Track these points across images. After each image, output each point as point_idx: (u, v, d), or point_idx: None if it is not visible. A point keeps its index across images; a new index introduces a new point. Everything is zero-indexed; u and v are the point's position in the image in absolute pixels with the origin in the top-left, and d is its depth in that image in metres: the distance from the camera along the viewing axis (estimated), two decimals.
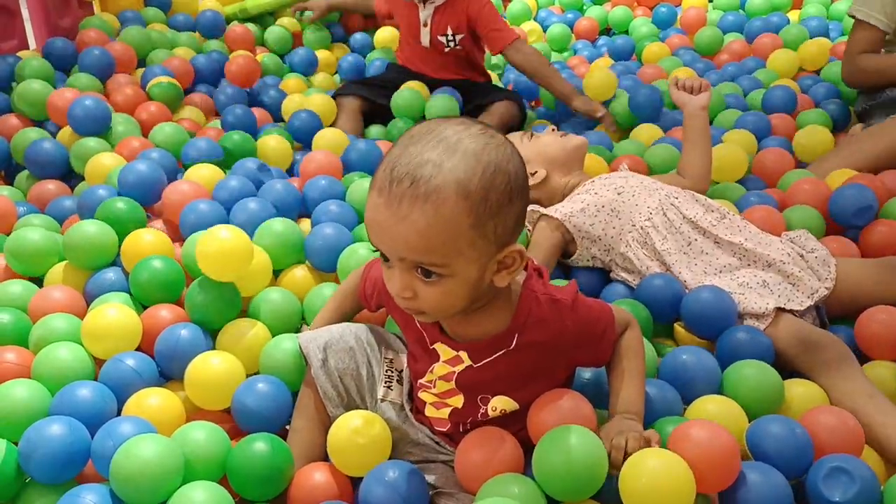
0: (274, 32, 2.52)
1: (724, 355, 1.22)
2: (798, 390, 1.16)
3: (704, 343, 1.28)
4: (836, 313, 1.35)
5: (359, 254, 1.36)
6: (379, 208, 0.85)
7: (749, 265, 1.35)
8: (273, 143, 1.86)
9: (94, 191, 1.53)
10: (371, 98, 2.17)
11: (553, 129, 1.62)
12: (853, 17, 1.96)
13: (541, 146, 1.56)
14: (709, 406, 1.09)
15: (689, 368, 1.17)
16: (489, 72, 2.40)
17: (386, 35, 2.59)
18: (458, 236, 0.84)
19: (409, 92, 2.11)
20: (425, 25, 2.17)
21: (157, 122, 1.86)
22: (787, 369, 1.23)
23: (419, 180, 0.83)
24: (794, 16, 2.77)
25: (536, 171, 1.53)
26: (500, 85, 2.43)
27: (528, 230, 1.47)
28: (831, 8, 2.75)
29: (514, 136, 1.56)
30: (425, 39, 2.19)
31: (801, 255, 1.36)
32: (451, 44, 2.18)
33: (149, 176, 1.55)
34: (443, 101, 2.05)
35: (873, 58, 1.95)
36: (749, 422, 1.07)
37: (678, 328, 1.31)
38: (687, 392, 1.14)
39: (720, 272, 1.35)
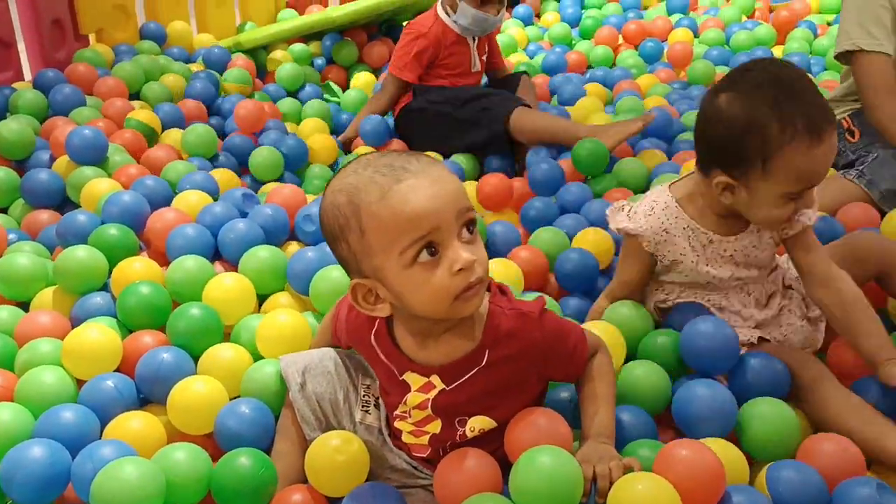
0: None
1: (737, 386, 1.18)
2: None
3: None
4: None
5: (332, 277, 1.37)
6: (414, 189, 0.88)
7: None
8: None
9: (74, 216, 1.56)
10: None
11: None
12: (855, 50, 1.74)
13: None
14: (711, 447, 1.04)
15: (704, 403, 1.11)
16: None
17: (364, 81, 2.64)
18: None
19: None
20: (475, 52, 2.33)
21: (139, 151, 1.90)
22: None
23: (417, 155, 0.94)
24: (777, 51, 2.82)
25: None
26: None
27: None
28: (814, 43, 2.81)
29: None
30: (477, 65, 2.35)
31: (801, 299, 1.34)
32: (484, 60, 2.39)
33: (132, 205, 1.57)
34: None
35: None
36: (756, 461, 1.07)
37: None
38: (701, 427, 1.10)
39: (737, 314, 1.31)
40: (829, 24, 3.00)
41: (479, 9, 2.18)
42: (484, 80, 2.47)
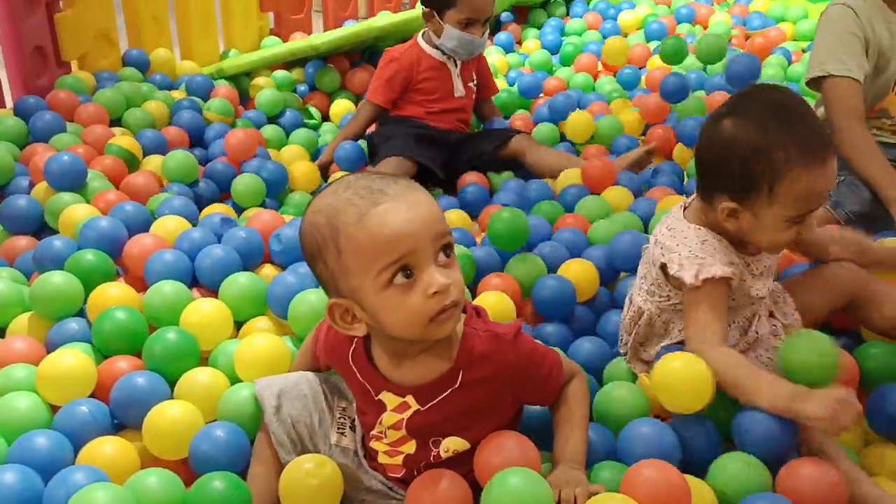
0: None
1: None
2: None
3: None
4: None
5: (310, 300, 1.37)
6: (391, 212, 0.90)
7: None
8: None
9: (50, 241, 1.55)
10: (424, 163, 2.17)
11: None
12: (825, 76, 1.77)
13: None
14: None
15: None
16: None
17: (342, 108, 2.66)
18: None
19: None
20: (458, 77, 2.33)
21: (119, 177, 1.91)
22: None
23: (397, 178, 0.95)
24: None
25: None
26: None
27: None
28: (789, 70, 2.85)
29: None
30: (460, 90, 2.33)
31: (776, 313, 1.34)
32: (474, 88, 2.39)
33: (109, 231, 1.56)
34: None
35: (864, 140, 1.73)
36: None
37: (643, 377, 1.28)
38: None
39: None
40: (803, 50, 3.06)
41: (464, 30, 2.21)
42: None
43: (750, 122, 1.15)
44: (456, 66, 2.32)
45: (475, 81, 2.39)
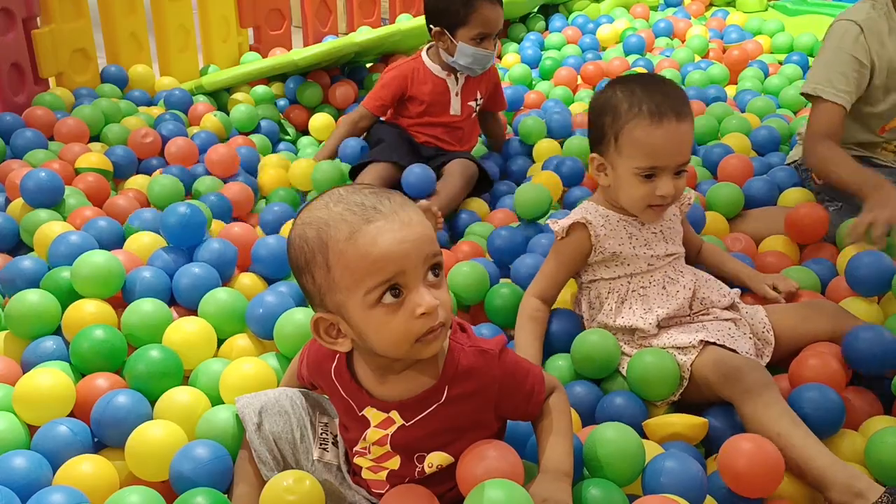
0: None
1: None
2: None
3: None
4: (773, 359, 1.38)
5: (295, 319, 1.36)
6: (383, 231, 0.89)
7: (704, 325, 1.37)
8: None
9: (19, 261, 1.53)
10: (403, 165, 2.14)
11: None
12: (813, 95, 1.82)
13: None
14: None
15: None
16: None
17: (321, 123, 2.66)
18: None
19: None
20: (457, 95, 2.28)
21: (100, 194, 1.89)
22: (712, 400, 1.27)
23: (390, 195, 0.93)
24: (730, 90, 2.89)
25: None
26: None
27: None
28: (766, 82, 2.89)
29: None
30: (456, 109, 2.29)
31: (751, 321, 1.40)
32: (477, 107, 2.34)
33: (81, 247, 1.54)
34: None
35: (834, 151, 1.78)
36: None
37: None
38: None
39: (680, 324, 1.37)
40: (780, 63, 3.10)
41: (478, 46, 2.16)
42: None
43: (609, 89, 1.38)
44: (457, 83, 2.27)
45: (479, 100, 2.32)
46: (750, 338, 1.36)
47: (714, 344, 1.29)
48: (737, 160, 2.05)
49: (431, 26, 2.20)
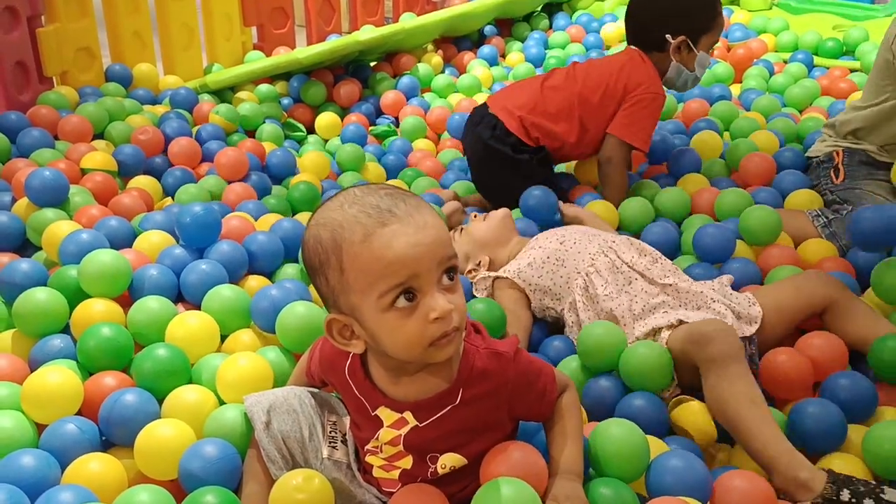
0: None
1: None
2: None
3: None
4: (770, 340, 1.37)
5: (297, 312, 1.35)
6: (398, 235, 0.88)
7: (681, 305, 1.40)
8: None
9: (16, 265, 1.51)
10: None
11: (475, 216, 1.72)
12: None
13: (471, 236, 1.65)
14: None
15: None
16: None
17: (326, 122, 2.65)
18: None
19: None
20: None
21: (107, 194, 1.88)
22: (687, 377, 1.26)
23: (405, 196, 0.92)
24: (735, 88, 2.89)
25: (480, 261, 1.62)
26: None
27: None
28: (770, 81, 2.88)
29: (453, 237, 1.65)
30: None
31: (729, 303, 1.40)
32: None
33: (91, 245, 1.53)
34: None
35: None
36: None
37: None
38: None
39: (655, 309, 1.38)
40: (785, 61, 3.09)
41: (707, 52, 2.05)
42: None
43: None
44: None
45: None
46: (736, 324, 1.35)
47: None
48: (759, 158, 2.05)
49: (670, 38, 2.02)
